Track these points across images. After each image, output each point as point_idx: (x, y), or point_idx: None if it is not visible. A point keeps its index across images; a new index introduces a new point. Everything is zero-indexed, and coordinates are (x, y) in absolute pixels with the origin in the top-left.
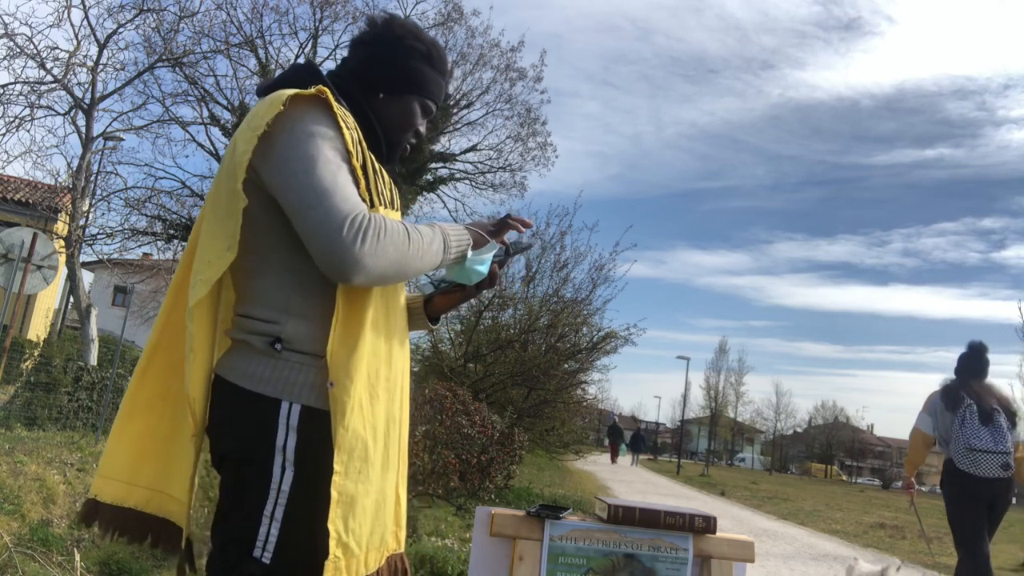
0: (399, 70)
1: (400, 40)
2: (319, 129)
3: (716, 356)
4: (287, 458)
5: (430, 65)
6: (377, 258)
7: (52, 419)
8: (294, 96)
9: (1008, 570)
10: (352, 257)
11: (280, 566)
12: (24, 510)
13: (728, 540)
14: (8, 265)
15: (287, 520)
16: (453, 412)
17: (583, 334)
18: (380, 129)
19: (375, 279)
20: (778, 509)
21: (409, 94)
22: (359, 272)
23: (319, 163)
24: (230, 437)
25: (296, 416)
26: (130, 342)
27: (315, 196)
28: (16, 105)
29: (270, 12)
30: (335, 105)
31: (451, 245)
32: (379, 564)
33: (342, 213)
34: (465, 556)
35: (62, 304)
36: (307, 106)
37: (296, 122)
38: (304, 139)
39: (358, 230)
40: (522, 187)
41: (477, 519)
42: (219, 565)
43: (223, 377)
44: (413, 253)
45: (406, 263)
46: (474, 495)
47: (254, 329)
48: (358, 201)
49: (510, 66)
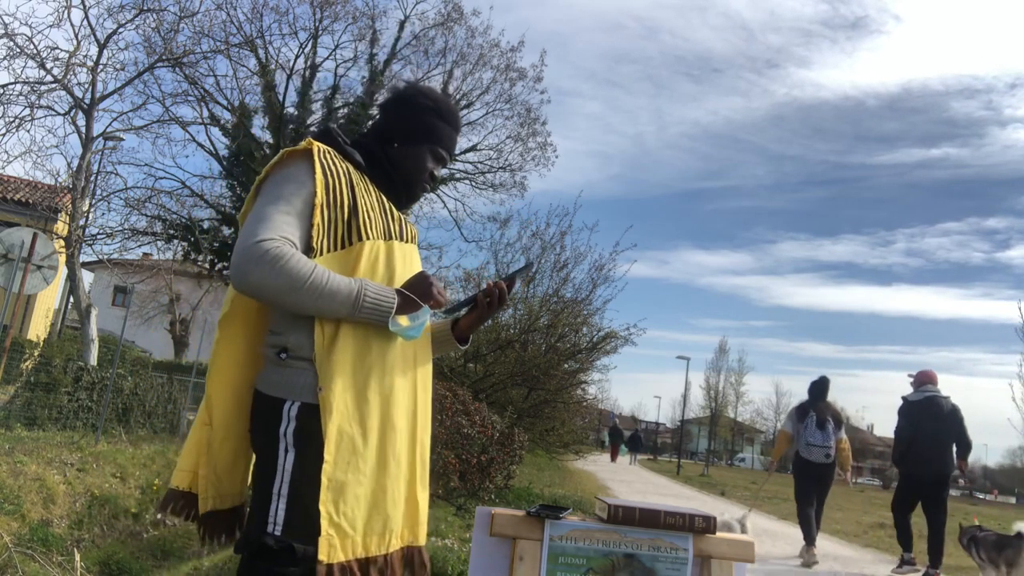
0: (410, 121)
1: (412, 97)
2: (290, 174)
3: (716, 356)
4: (288, 442)
5: (439, 117)
6: (262, 277)
7: (52, 419)
8: (286, 151)
9: None
10: (242, 267)
11: (287, 538)
12: (24, 510)
13: (728, 540)
14: (8, 265)
15: (291, 497)
16: (453, 412)
17: (583, 334)
18: (394, 174)
19: (253, 293)
20: (778, 509)
21: (421, 143)
22: (241, 281)
23: (271, 199)
24: (255, 435)
25: (296, 409)
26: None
27: (253, 219)
28: (16, 105)
29: (270, 12)
30: (318, 157)
31: (364, 304)
32: (385, 551)
33: (258, 235)
34: (465, 556)
35: (62, 304)
36: (291, 158)
37: (279, 169)
38: (275, 183)
39: (262, 251)
40: (522, 187)
41: (477, 519)
42: (244, 540)
43: (255, 388)
44: (306, 292)
45: (294, 296)
46: (474, 495)
47: (268, 343)
48: (282, 232)
49: (510, 66)
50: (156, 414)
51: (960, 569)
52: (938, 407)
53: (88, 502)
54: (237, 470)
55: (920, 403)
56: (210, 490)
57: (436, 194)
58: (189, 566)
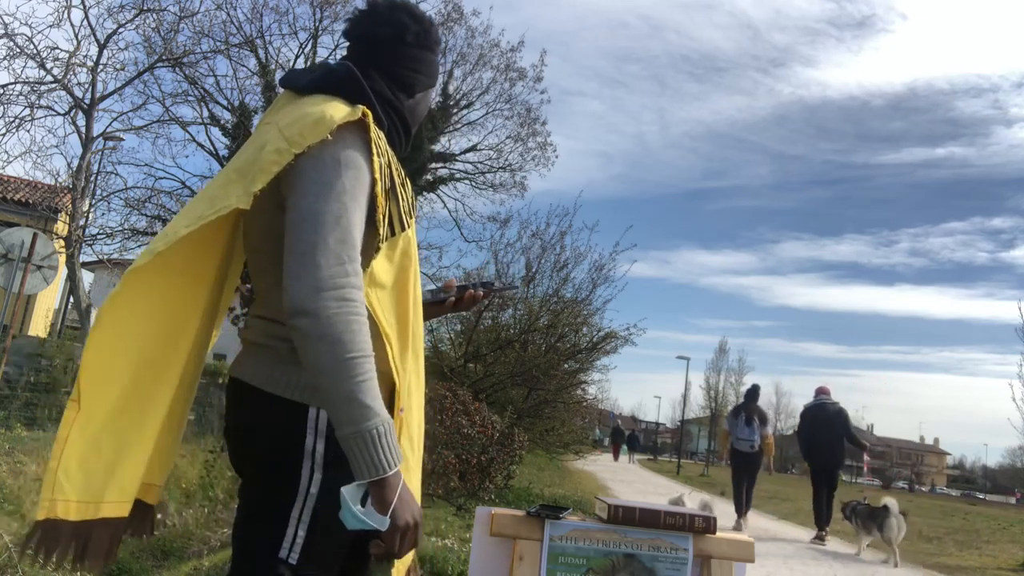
0: (430, 66)
1: (428, 35)
2: (349, 157)
3: (716, 356)
4: (316, 462)
5: (435, 52)
6: (331, 325)
7: (52, 419)
8: (340, 123)
9: (1008, 570)
10: (313, 303)
11: (306, 567)
12: (24, 510)
13: (728, 540)
14: (8, 265)
15: (314, 522)
16: (453, 412)
17: (583, 334)
18: (408, 128)
19: (310, 335)
20: (778, 509)
21: (430, 88)
22: (307, 318)
23: (335, 193)
24: (260, 440)
25: (324, 421)
26: None
27: (316, 223)
28: (16, 105)
29: (270, 12)
30: (373, 131)
31: (370, 435)
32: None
33: (335, 264)
34: (465, 556)
35: (62, 304)
36: (347, 133)
37: (331, 147)
38: (331, 165)
39: (344, 296)
40: (522, 187)
41: (477, 519)
42: (243, 565)
43: (245, 381)
44: (345, 362)
45: (335, 357)
46: (474, 495)
47: (280, 334)
48: (355, 256)
49: (510, 66)
50: None
51: (961, 569)
52: (825, 412)
53: None
54: None
55: (812, 409)
56: None
57: (436, 194)
58: (189, 566)
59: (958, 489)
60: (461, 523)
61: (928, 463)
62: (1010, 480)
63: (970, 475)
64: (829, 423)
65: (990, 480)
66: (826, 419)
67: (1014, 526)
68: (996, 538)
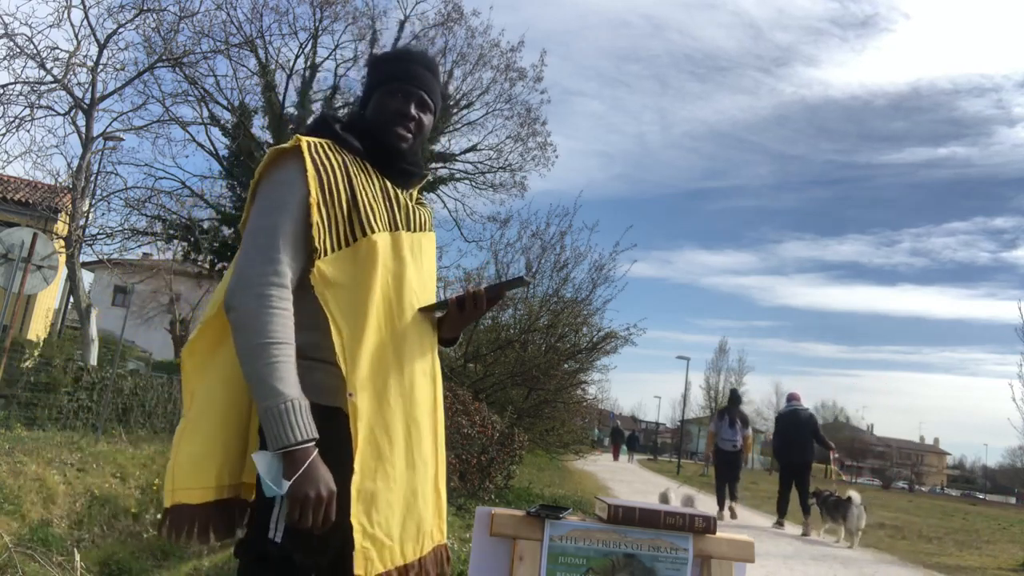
0: (368, 76)
1: (368, 61)
2: (281, 177)
3: (716, 356)
4: None
5: (386, 60)
6: (248, 317)
7: (52, 419)
8: (275, 150)
9: (1008, 570)
10: (235, 300)
11: (288, 545)
12: (24, 510)
13: (728, 540)
14: (8, 265)
15: None
16: (453, 412)
17: (583, 334)
18: (373, 131)
19: (235, 326)
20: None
21: (378, 88)
22: (232, 312)
23: (266, 210)
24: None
25: None
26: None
27: (250, 238)
28: (16, 105)
29: (270, 12)
30: (308, 153)
31: (274, 411)
32: (420, 554)
33: (257, 267)
34: (465, 556)
35: (62, 304)
36: (281, 158)
37: (270, 172)
38: (268, 187)
39: (260, 293)
40: (522, 187)
41: (477, 519)
42: (244, 544)
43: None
44: (254, 349)
45: (246, 345)
46: (474, 495)
47: None
48: (279, 259)
49: (510, 66)
50: (156, 414)
51: (961, 569)
52: (797, 416)
53: (88, 502)
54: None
55: (786, 414)
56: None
57: (436, 194)
58: (189, 566)
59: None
60: (461, 523)
61: (928, 463)
62: (1010, 480)
63: (970, 475)
64: (802, 426)
65: (990, 480)
66: (798, 423)
67: (1014, 526)
68: (996, 538)
